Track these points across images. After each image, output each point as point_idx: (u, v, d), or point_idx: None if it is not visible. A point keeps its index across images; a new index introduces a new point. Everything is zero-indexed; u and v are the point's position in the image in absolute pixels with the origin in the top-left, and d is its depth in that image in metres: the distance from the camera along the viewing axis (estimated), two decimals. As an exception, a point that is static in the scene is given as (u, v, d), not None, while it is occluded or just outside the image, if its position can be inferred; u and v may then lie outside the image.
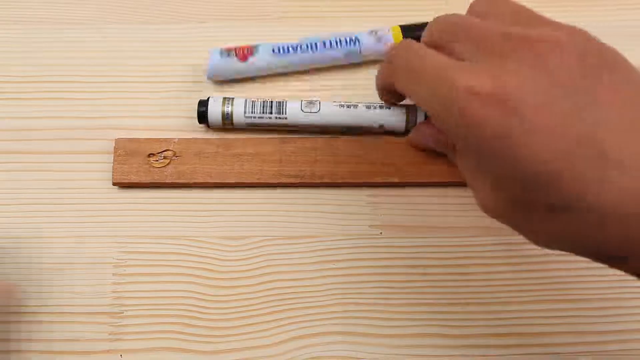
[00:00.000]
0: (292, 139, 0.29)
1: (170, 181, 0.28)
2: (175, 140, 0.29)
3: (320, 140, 0.29)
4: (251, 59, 0.30)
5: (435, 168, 0.29)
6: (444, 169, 0.29)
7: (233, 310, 0.27)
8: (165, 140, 0.29)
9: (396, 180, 0.29)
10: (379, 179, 0.29)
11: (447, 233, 0.29)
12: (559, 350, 0.26)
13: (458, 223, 0.29)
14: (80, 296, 0.27)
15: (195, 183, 0.29)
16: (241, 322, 0.27)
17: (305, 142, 0.29)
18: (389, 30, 0.31)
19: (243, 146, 0.29)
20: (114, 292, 0.27)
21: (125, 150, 0.29)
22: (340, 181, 0.29)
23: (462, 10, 0.23)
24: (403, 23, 0.32)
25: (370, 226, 0.29)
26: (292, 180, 0.29)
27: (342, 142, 0.29)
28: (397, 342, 0.27)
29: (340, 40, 0.31)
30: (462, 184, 0.29)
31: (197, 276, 0.28)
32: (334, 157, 0.29)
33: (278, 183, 0.29)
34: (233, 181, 0.29)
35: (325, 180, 0.29)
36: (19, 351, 0.26)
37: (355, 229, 0.29)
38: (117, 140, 0.29)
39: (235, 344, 0.26)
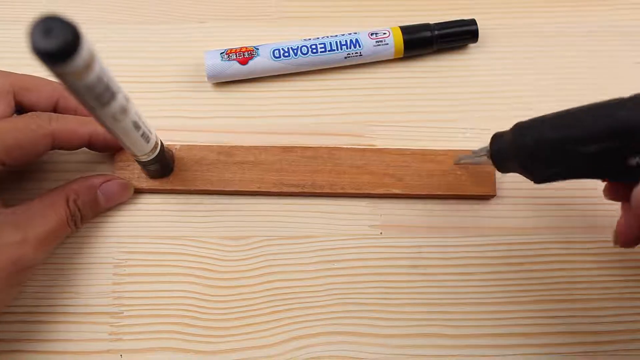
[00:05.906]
0: (293, 148, 0.29)
1: (170, 187, 0.28)
2: (177, 147, 0.29)
3: (321, 150, 0.29)
4: (251, 63, 0.30)
5: (438, 180, 0.29)
6: (448, 182, 0.29)
7: (233, 310, 0.27)
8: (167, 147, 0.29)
9: (398, 192, 0.29)
10: (380, 191, 0.29)
11: (447, 233, 0.29)
12: (559, 350, 0.27)
13: (458, 223, 0.29)
14: (80, 296, 0.27)
15: (195, 190, 0.29)
16: (241, 322, 0.27)
17: (307, 152, 0.29)
18: (389, 31, 0.31)
19: (244, 154, 0.29)
20: (114, 292, 0.27)
21: (126, 155, 0.29)
22: (340, 192, 0.29)
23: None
24: (403, 23, 0.32)
25: (370, 226, 0.29)
26: (293, 189, 0.29)
27: (344, 152, 0.29)
28: (397, 342, 0.27)
29: (340, 43, 0.31)
30: (465, 197, 0.29)
31: (197, 276, 0.28)
32: (335, 167, 0.29)
33: (279, 192, 0.29)
34: (233, 189, 0.29)
35: (326, 190, 0.29)
36: (19, 351, 0.26)
37: (355, 229, 0.29)
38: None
39: (235, 344, 0.26)
